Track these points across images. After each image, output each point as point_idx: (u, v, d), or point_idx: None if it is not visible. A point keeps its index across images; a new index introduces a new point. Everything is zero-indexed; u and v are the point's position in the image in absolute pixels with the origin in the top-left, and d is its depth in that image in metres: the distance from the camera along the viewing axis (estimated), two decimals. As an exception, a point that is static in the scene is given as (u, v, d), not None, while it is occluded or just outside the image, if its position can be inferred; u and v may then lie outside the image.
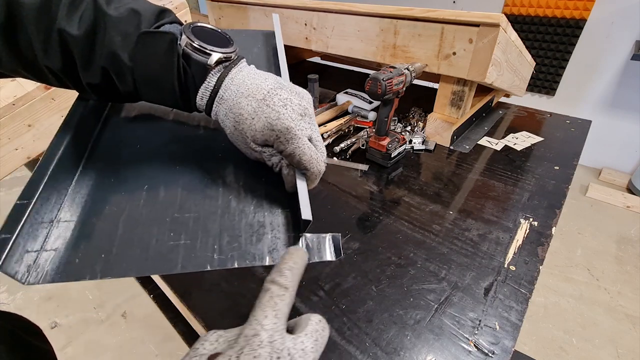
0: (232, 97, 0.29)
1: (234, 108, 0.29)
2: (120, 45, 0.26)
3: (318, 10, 0.94)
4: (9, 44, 0.25)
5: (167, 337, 1.35)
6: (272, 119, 0.28)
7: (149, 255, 0.27)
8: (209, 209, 0.31)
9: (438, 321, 0.45)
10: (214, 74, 0.29)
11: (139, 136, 0.37)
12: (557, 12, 1.98)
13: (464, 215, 0.64)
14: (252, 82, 0.29)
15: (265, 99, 0.28)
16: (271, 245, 0.29)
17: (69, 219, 0.28)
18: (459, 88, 0.83)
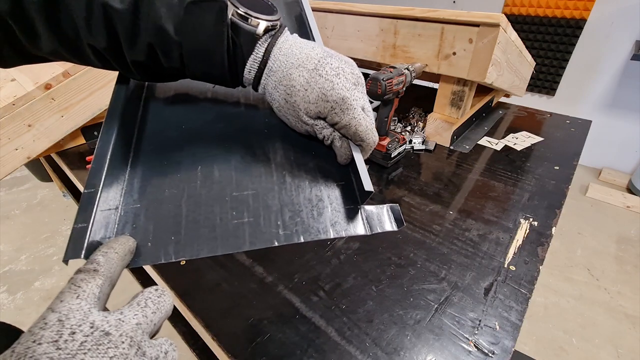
0: (282, 68, 0.27)
1: (284, 80, 0.27)
2: (166, 17, 0.24)
3: (318, 10, 0.94)
4: (49, 22, 0.24)
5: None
6: (327, 89, 0.27)
7: (217, 234, 0.27)
8: (266, 185, 0.30)
9: (438, 321, 0.45)
10: (261, 44, 0.27)
11: (181, 117, 0.37)
12: (557, 12, 1.98)
13: (464, 215, 0.64)
14: (300, 52, 0.28)
15: (317, 69, 0.27)
16: (332, 218, 0.29)
17: (132, 204, 0.28)
18: (459, 88, 0.83)
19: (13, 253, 1.75)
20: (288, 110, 0.29)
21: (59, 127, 0.80)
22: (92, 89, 0.81)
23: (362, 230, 0.29)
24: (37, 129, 0.76)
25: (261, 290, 0.49)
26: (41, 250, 1.76)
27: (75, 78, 0.78)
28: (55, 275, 1.63)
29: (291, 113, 0.29)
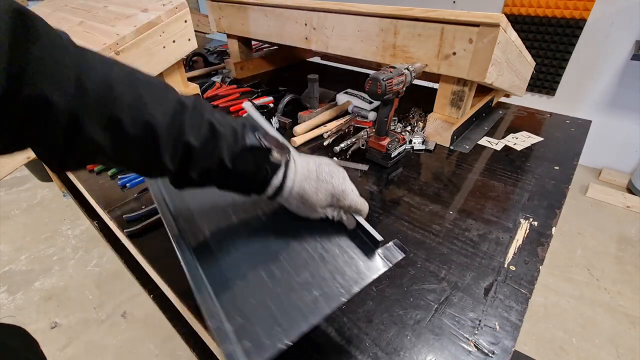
0: (296, 184, 0.39)
1: (299, 191, 0.39)
2: (226, 153, 0.34)
3: (318, 10, 0.94)
4: (143, 157, 0.31)
5: (167, 337, 1.34)
6: (330, 189, 0.39)
7: (304, 312, 0.34)
8: (313, 264, 0.39)
9: (438, 321, 0.45)
10: (281, 170, 0.38)
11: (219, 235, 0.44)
12: (557, 12, 1.98)
13: (464, 215, 0.64)
14: (303, 169, 0.39)
15: (319, 178, 0.39)
16: (365, 266, 0.39)
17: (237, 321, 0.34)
18: (459, 88, 0.83)
19: (13, 253, 1.75)
20: (303, 209, 0.41)
21: (59, 127, 0.80)
22: (92, 89, 0.81)
23: (384, 267, 0.39)
24: (37, 129, 0.76)
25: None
26: (41, 250, 1.76)
27: (75, 78, 0.78)
28: (55, 275, 1.63)
29: (306, 210, 0.41)
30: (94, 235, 1.82)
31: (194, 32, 0.98)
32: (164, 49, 0.92)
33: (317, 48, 1.01)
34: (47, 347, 1.31)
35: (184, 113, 0.32)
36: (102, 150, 0.29)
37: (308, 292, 0.36)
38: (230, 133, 0.34)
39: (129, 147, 0.30)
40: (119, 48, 0.82)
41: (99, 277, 1.62)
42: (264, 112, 0.88)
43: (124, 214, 0.64)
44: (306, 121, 0.95)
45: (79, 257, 1.72)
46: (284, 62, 1.54)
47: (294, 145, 0.88)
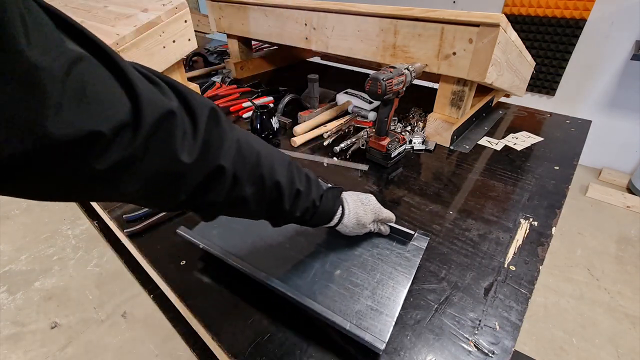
0: (352, 211, 0.50)
1: (355, 215, 0.50)
2: (315, 195, 0.44)
3: (318, 10, 0.94)
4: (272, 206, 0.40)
5: (167, 337, 1.34)
6: (371, 209, 0.52)
7: (391, 297, 0.47)
8: (377, 264, 0.52)
9: (438, 321, 0.45)
10: (341, 203, 0.50)
11: (264, 249, 0.55)
12: (557, 12, 1.98)
13: (464, 215, 0.64)
14: (352, 199, 0.51)
15: (363, 203, 0.52)
16: (409, 254, 0.53)
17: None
18: (459, 88, 0.83)
19: (13, 253, 1.75)
20: (357, 228, 0.51)
21: (59, 127, 0.80)
22: (92, 89, 0.81)
23: (420, 251, 0.53)
24: (37, 129, 0.76)
25: (261, 290, 0.49)
26: (41, 250, 1.76)
27: (75, 78, 0.77)
28: (55, 275, 1.63)
29: (359, 228, 0.52)
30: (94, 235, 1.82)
31: (194, 32, 0.98)
32: (164, 49, 0.92)
33: (317, 48, 1.01)
34: (47, 347, 1.31)
35: (292, 169, 0.41)
36: (246, 203, 0.37)
37: (385, 285, 0.48)
38: (315, 179, 0.45)
39: (266, 200, 0.39)
40: (119, 48, 0.82)
41: (99, 277, 1.62)
42: (264, 112, 0.88)
43: (124, 214, 0.64)
44: (306, 121, 0.95)
45: (79, 257, 1.72)
46: (284, 62, 1.54)
47: (293, 145, 0.88)
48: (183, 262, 0.54)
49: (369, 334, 0.40)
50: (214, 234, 0.56)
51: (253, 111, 0.89)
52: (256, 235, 0.56)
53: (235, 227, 0.57)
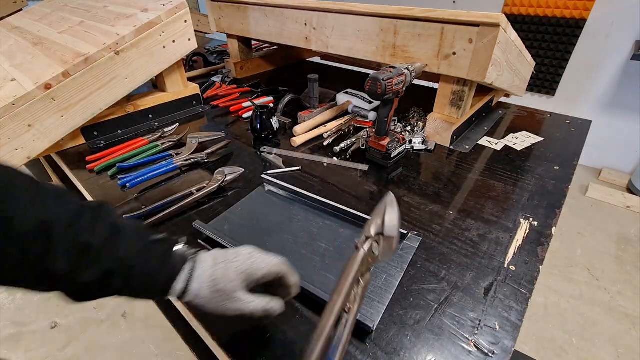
0: (205, 273, 0.36)
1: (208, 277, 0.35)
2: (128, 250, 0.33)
3: (318, 10, 0.94)
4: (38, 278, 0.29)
5: (167, 337, 1.34)
6: (238, 266, 0.36)
7: (383, 288, 0.49)
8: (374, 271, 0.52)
9: (438, 321, 0.45)
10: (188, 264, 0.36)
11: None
12: (557, 12, 1.98)
13: (464, 215, 0.64)
14: (212, 256, 0.37)
15: (226, 260, 0.37)
16: (402, 253, 0.56)
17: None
18: (459, 88, 0.83)
19: (13, 253, 1.75)
20: (220, 299, 0.35)
21: (59, 127, 0.80)
22: (92, 89, 0.81)
23: (412, 250, 0.55)
24: (37, 129, 0.76)
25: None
26: (41, 250, 1.76)
27: (75, 78, 0.78)
28: (55, 275, 1.63)
29: (223, 300, 0.36)
30: (94, 235, 1.82)
31: (194, 32, 0.98)
32: (164, 49, 0.92)
33: (317, 48, 1.01)
34: (47, 347, 1.31)
35: (83, 212, 0.31)
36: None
37: (379, 277, 0.50)
38: (135, 230, 0.34)
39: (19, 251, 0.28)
40: (119, 48, 0.82)
41: (99, 277, 1.62)
42: (264, 112, 0.88)
43: (124, 214, 0.64)
44: (306, 121, 0.95)
45: (79, 257, 1.73)
46: (284, 62, 1.54)
47: (293, 145, 0.88)
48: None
49: (361, 315, 0.43)
50: (225, 229, 0.60)
51: (253, 111, 0.89)
52: (263, 230, 0.60)
53: (244, 224, 0.61)
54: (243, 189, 0.71)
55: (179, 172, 0.78)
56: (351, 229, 0.59)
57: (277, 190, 0.69)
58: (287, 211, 0.64)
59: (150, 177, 0.74)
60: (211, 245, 0.56)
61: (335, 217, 0.62)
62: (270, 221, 0.62)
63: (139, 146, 0.85)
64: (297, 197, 0.67)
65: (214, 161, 0.82)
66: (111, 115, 0.92)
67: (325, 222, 0.61)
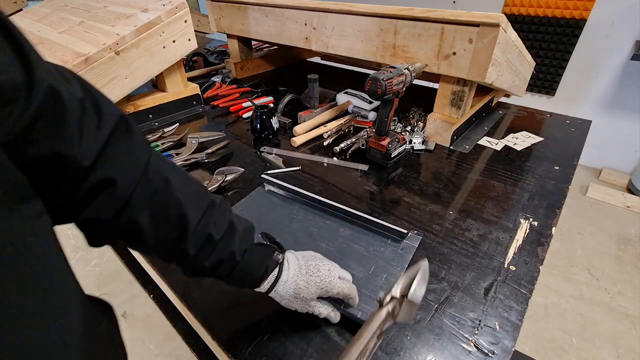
0: (290, 280, 0.41)
1: (293, 286, 0.41)
2: (237, 247, 0.38)
3: (318, 10, 0.94)
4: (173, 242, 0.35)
5: (167, 337, 1.34)
6: (318, 283, 0.42)
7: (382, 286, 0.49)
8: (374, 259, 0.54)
9: (438, 321, 0.45)
10: (277, 267, 0.41)
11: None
12: (557, 12, 1.98)
13: (464, 215, 0.64)
14: (294, 265, 0.42)
15: (308, 272, 0.42)
16: (403, 251, 0.56)
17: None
18: (459, 88, 0.83)
19: (13, 253, 1.75)
20: (295, 302, 0.42)
21: (59, 127, 0.80)
22: (92, 89, 0.81)
23: (412, 249, 0.56)
24: (37, 129, 0.76)
25: (261, 290, 0.49)
26: (41, 250, 1.76)
27: (75, 78, 0.77)
28: (55, 275, 1.63)
29: (298, 303, 0.42)
30: (94, 235, 1.82)
31: (194, 32, 0.98)
32: (164, 49, 0.92)
33: (317, 48, 1.01)
34: (47, 347, 1.31)
35: (211, 210, 0.37)
36: (140, 232, 0.33)
37: (379, 276, 0.51)
38: (244, 230, 0.40)
39: (165, 235, 0.34)
40: (119, 48, 0.82)
41: (99, 277, 1.62)
42: (264, 112, 0.88)
43: (124, 214, 0.64)
44: (306, 121, 0.95)
45: (79, 257, 1.72)
46: (284, 62, 1.54)
47: (293, 145, 0.88)
48: (183, 262, 0.54)
49: (362, 313, 0.45)
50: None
51: (253, 111, 0.89)
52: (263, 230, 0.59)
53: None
54: (243, 189, 0.71)
55: (179, 172, 0.78)
56: (351, 229, 0.59)
57: (277, 190, 0.69)
58: (287, 211, 0.64)
59: (150, 177, 0.73)
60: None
61: (335, 217, 0.62)
62: (271, 221, 0.62)
63: (139, 146, 0.85)
64: (297, 197, 0.67)
65: (214, 161, 0.82)
66: (111, 115, 0.92)
67: (325, 222, 0.61)
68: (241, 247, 0.38)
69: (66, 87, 0.26)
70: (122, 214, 0.31)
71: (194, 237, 0.35)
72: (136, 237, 0.33)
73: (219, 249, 0.37)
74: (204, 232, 0.36)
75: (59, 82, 0.26)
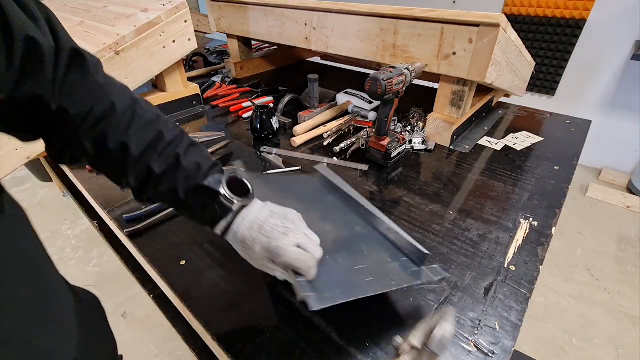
0: (240, 232, 0.39)
1: (241, 238, 0.39)
2: (182, 184, 0.37)
3: (318, 10, 0.94)
4: (115, 170, 0.37)
5: (167, 337, 1.34)
6: (265, 244, 0.38)
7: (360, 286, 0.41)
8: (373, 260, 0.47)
9: (438, 321, 0.45)
10: (231, 214, 0.40)
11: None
12: (557, 12, 1.98)
13: (464, 215, 0.64)
14: (252, 217, 0.39)
15: (260, 229, 0.39)
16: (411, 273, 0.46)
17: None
18: (459, 88, 0.83)
19: (13, 253, 1.75)
20: (248, 258, 0.40)
21: (59, 127, 0.80)
22: (92, 89, 0.81)
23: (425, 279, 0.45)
24: (37, 129, 0.76)
25: (261, 290, 0.50)
26: (41, 250, 1.76)
27: (75, 78, 0.77)
28: (55, 275, 1.63)
29: (248, 258, 0.40)
30: (94, 235, 1.81)
31: (194, 32, 0.98)
32: (164, 49, 0.92)
33: (317, 48, 1.01)
34: (47, 347, 1.31)
35: (159, 143, 0.37)
36: (88, 157, 0.36)
37: (365, 276, 0.43)
38: (193, 169, 0.38)
39: (107, 158, 0.36)
40: (119, 48, 0.82)
41: (99, 277, 1.62)
42: (264, 112, 0.88)
43: (124, 214, 0.64)
44: (306, 121, 0.95)
45: (79, 257, 1.72)
46: (284, 62, 1.54)
47: (293, 145, 0.88)
48: (183, 262, 0.54)
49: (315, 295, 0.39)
50: None
51: (253, 111, 0.89)
52: None
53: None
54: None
55: (179, 172, 0.78)
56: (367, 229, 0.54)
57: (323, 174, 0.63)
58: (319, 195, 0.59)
59: (150, 177, 0.74)
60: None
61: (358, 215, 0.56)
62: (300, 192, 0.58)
63: (139, 146, 0.85)
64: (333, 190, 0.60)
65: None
66: (111, 115, 0.92)
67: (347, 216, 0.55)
68: (187, 184, 0.37)
69: (34, 32, 0.29)
70: (70, 143, 0.34)
71: (134, 169, 0.36)
72: (90, 162, 0.37)
73: (162, 184, 0.37)
74: (144, 165, 0.36)
75: (29, 29, 0.28)
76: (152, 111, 0.38)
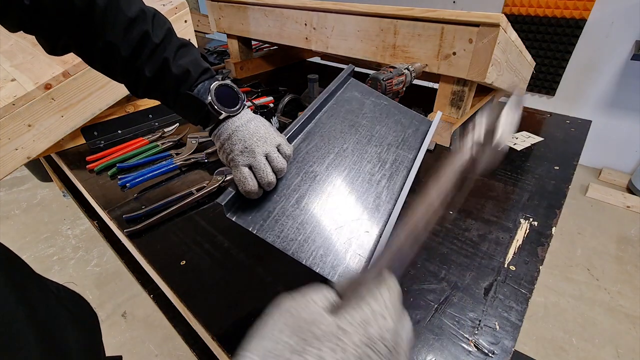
0: (221, 138, 0.43)
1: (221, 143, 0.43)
2: (171, 90, 0.41)
3: (318, 10, 0.94)
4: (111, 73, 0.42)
5: (167, 337, 1.34)
6: (228, 152, 0.42)
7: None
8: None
9: (438, 321, 0.45)
10: (218, 122, 0.43)
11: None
12: (557, 12, 1.98)
13: (464, 215, 0.64)
14: (234, 125, 0.42)
15: (231, 138, 0.42)
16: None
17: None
18: (459, 88, 0.83)
19: (13, 253, 1.75)
20: (223, 154, 0.43)
21: (59, 127, 0.80)
22: (92, 89, 0.81)
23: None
24: (37, 129, 0.76)
25: (261, 290, 0.50)
26: (41, 250, 1.76)
27: (75, 78, 0.78)
28: (55, 275, 1.63)
29: (221, 155, 0.44)
30: (94, 235, 1.82)
31: (194, 32, 0.98)
32: (164, 49, 0.92)
33: (317, 48, 1.01)
34: (47, 347, 1.31)
35: (145, 47, 0.39)
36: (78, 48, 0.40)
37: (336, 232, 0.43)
38: (181, 76, 0.40)
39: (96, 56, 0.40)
40: (119, 48, 0.82)
41: (99, 277, 1.62)
42: (264, 112, 0.88)
43: (124, 214, 0.64)
44: (306, 121, 0.94)
45: (79, 257, 1.72)
46: (284, 62, 1.54)
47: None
48: (183, 262, 0.54)
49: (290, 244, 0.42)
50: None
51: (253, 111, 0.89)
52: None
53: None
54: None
55: (179, 172, 0.78)
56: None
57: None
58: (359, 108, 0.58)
59: (150, 177, 0.74)
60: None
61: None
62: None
63: (139, 146, 0.85)
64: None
65: (213, 161, 0.82)
66: (111, 115, 0.92)
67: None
68: (176, 92, 0.41)
69: None
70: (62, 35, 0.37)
71: (125, 70, 0.39)
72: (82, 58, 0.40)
73: (153, 88, 0.40)
74: (133, 67, 0.39)
75: None
76: (136, 4, 0.40)
